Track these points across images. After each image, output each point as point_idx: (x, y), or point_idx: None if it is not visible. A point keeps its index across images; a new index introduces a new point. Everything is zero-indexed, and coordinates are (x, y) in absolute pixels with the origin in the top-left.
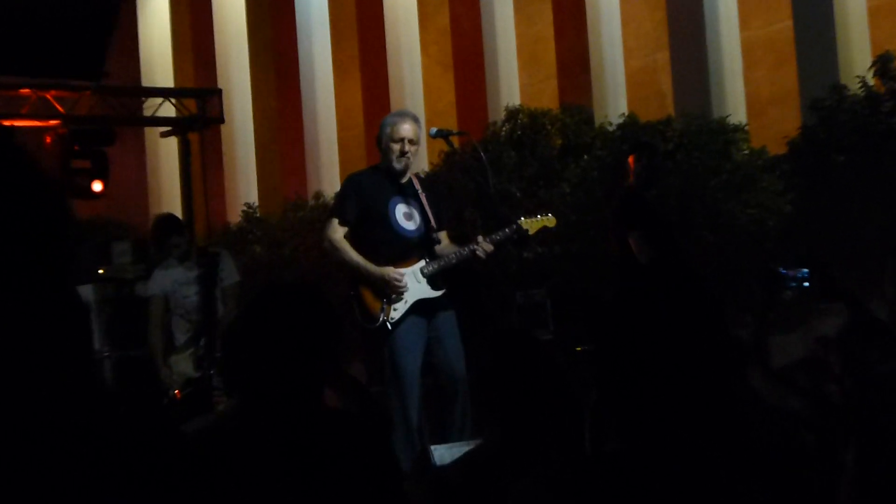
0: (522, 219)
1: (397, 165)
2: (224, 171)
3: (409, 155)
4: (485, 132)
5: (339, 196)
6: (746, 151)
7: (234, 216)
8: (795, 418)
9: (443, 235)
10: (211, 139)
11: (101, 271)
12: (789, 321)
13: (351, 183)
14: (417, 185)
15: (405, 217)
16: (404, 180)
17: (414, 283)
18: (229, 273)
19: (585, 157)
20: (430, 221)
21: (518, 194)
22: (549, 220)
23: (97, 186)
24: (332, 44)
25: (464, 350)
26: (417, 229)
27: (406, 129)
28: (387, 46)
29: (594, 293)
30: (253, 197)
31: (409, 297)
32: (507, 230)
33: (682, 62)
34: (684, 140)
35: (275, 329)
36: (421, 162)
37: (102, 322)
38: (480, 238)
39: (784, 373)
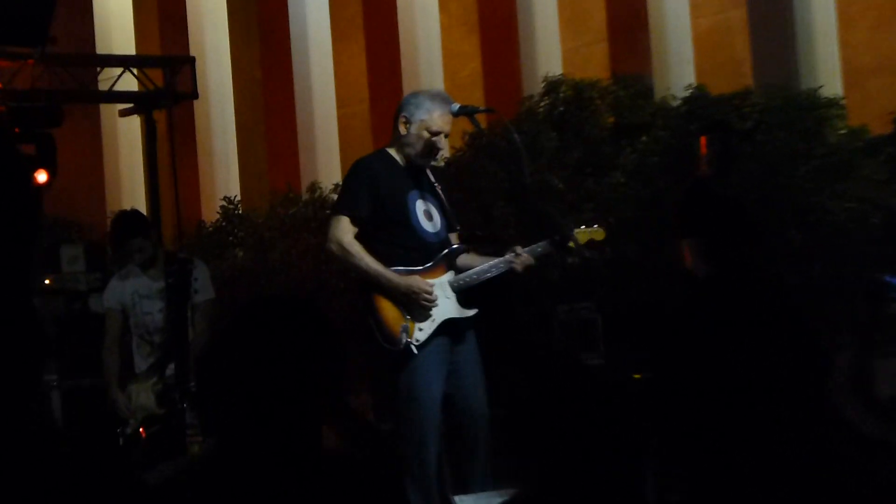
0: (577, 229)
1: (424, 161)
2: (198, 158)
3: (442, 151)
4: (518, 109)
5: (350, 186)
6: (843, 131)
7: (211, 213)
8: None
9: (455, 238)
10: (181, 118)
11: (47, 281)
12: None
13: (363, 170)
14: (431, 177)
15: (425, 216)
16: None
17: (442, 298)
18: (203, 287)
19: (643, 138)
20: (451, 222)
21: (560, 185)
22: (597, 232)
23: (41, 177)
24: (330, 1)
25: (486, 380)
26: (440, 232)
27: (446, 120)
28: (397, 3)
29: (654, 308)
30: (234, 189)
31: (438, 316)
32: (549, 242)
33: (762, 21)
34: (765, 117)
35: (261, 353)
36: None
37: (49, 343)
38: (518, 248)
39: (893, 404)
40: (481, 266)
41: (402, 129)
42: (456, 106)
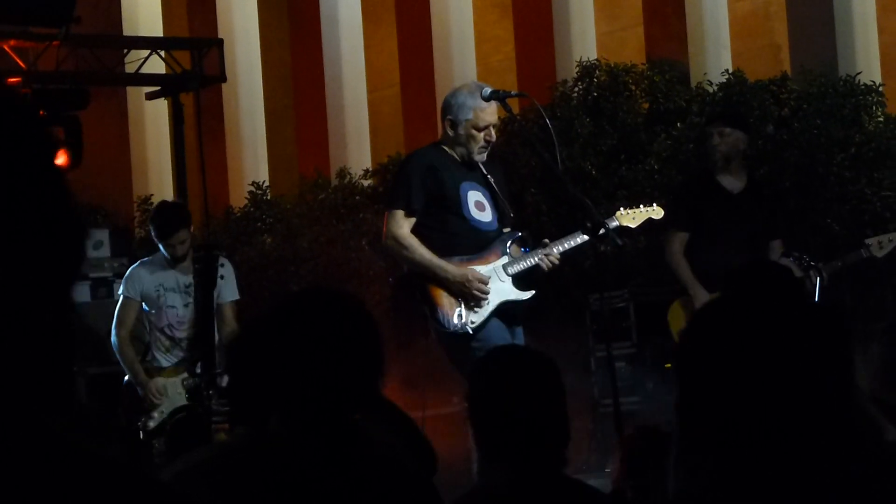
0: (621, 211)
1: (479, 157)
2: (226, 142)
3: (492, 143)
4: (552, 94)
5: (403, 180)
6: (881, 118)
7: (239, 198)
8: None
9: (507, 228)
10: (209, 102)
11: None
12: None
13: (417, 164)
14: (484, 169)
15: (477, 207)
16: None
17: (497, 282)
18: (229, 288)
19: (679, 124)
20: (505, 211)
21: (594, 172)
22: (654, 211)
23: (64, 160)
24: None
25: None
26: (492, 222)
27: (492, 112)
28: None
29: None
30: (262, 174)
31: (493, 298)
32: (582, 231)
33: (801, 6)
34: (803, 104)
35: (298, 341)
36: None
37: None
38: (547, 242)
39: None
40: (533, 255)
41: (450, 132)
42: (487, 90)
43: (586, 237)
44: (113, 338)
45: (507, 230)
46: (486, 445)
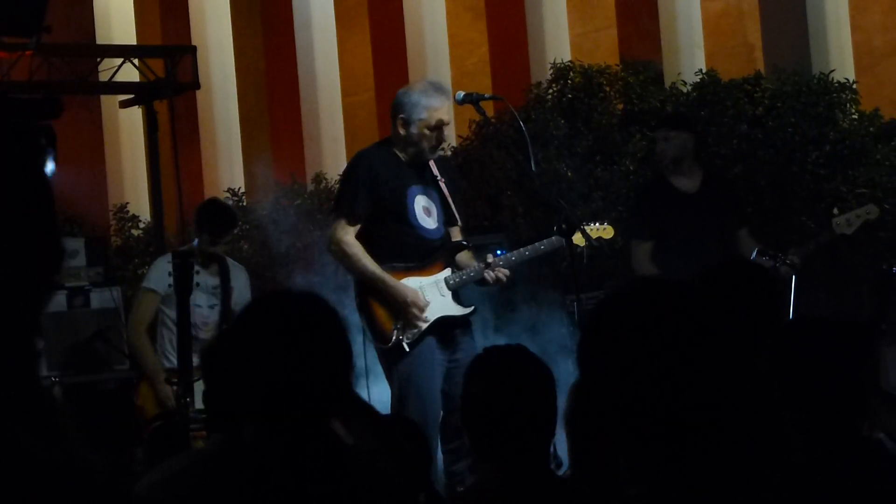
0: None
1: (431, 155)
2: (201, 149)
3: (444, 142)
4: (526, 96)
5: (347, 186)
6: (855, 116)
7: None
8: None
9: (456, 232)
10: (184, 109)
11: None
12: None
13: (361, 166)
14: (436, 170)
15: (424, 212)
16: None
17: (437, 296)
18: (244, 294)
19: (654, 125)
20: (452, 218)
21: (569, 174)
22: (605, 230)
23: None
24: None
25: None
26: (438, 228)
27: (445, 111)
28: None
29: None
30: (238, 181)
31: (431, 314)
32: (543, 245)
33: (774, 4)
34: (777, 103)
35: (270, 346)
36: (447, 134)
37: (48, 340)
38: (490, 258)
39: None
40: (474, 268)
41: (402, 131)
42: (461, 94)
43: (546, 248)
44: (130, 332)
45: (455, 235)
46: (479, 444)
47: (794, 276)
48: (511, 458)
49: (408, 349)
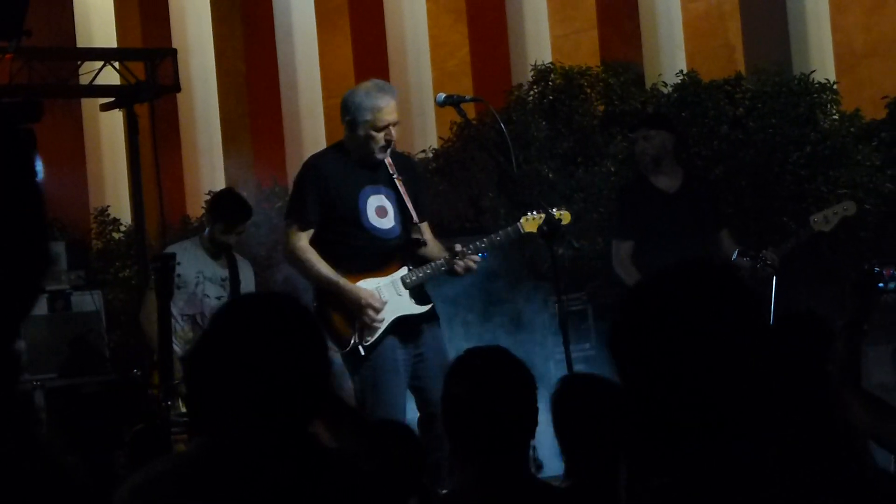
0: (527, 216)
1: (380, 156)
2: (182, 152)
3: (393, 142)
4: (507, 98)
5: (298, 193)
6: (836, 116)
7: (196, 207)
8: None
9: (425, 228)
10: (165, 112)
11: None
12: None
13: (310, 173)
14: (392, 168)
15: (378, 213)
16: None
17: (394, 296)
18: (249, 284)
19: (632, 125)
20: (409, 215)
21: (550, 175)
22: (564, 214)
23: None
24: None
25: None
26: (394, 228)
27: (391, 111)
28: None
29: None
30: (219, 183)
31: (388, 315)
32: (500, 233)
33: (754, 5)
34: (757, 104)
35: (244, 347)
36: (428, 137)
37: (30, 344)
38: (459, 247)
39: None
40: (435, 260)
41: (350, 133)
42: (442, 96)
43: (505, 237)
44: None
45: (416, 233)
46: (459, 446)
47: (774, 277)
48: (491, 460)
49: (364, 353)
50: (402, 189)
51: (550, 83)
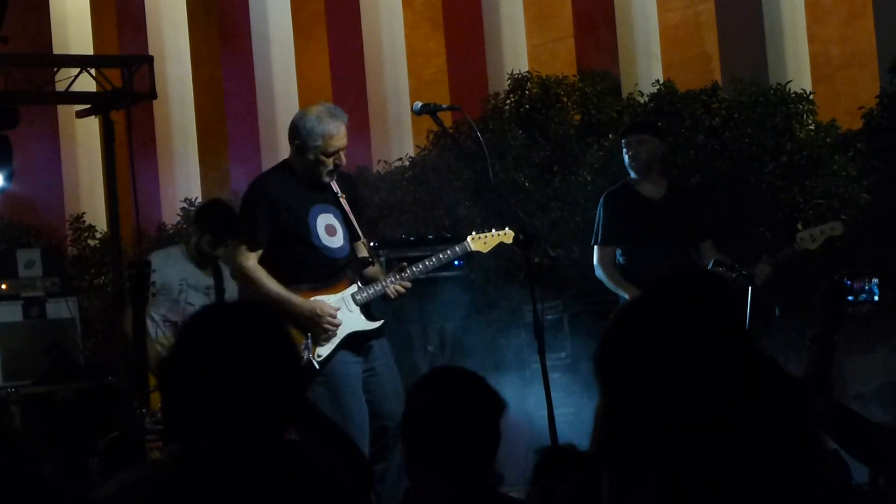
0: (473, 235)
1: (327, 179)
2: (158, 159)
3: (342, 166)
4: (484, 106)
5: (246, 213)
6: (812, 127)
7: (171, 215)
8: (867, 457)
9: (360, 247)
10: (141, 119)
11: (3, 286)
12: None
13: (261, 195)
14: (336, 186)
15: (328, 231)
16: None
17: (346, 312)
18: (233, 293)
19: (611, 135)
20: (356, 233)
21: (527, 184)
22: (506, 235)
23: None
24: None
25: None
26: (343, 246)
27: (341, 137)
28: (360, 0)
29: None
30: (195, 191)
31: (340, 330)
32: (448, 251)
33: (731, 15)
34: (734, 113)
35: (220, 355)
36: (405, 145)
37: (4, 351)
38: (405, 265)
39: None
40: (385, 281)
41: (298, 156)
42: (419, 104)
43: (451, 256)
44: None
45: (361, 251)
46: (417, 460)
47: (749, 288)
48: (451, 474)
49: (318, 367)
50: (346, 208)
51: (527, 92)
